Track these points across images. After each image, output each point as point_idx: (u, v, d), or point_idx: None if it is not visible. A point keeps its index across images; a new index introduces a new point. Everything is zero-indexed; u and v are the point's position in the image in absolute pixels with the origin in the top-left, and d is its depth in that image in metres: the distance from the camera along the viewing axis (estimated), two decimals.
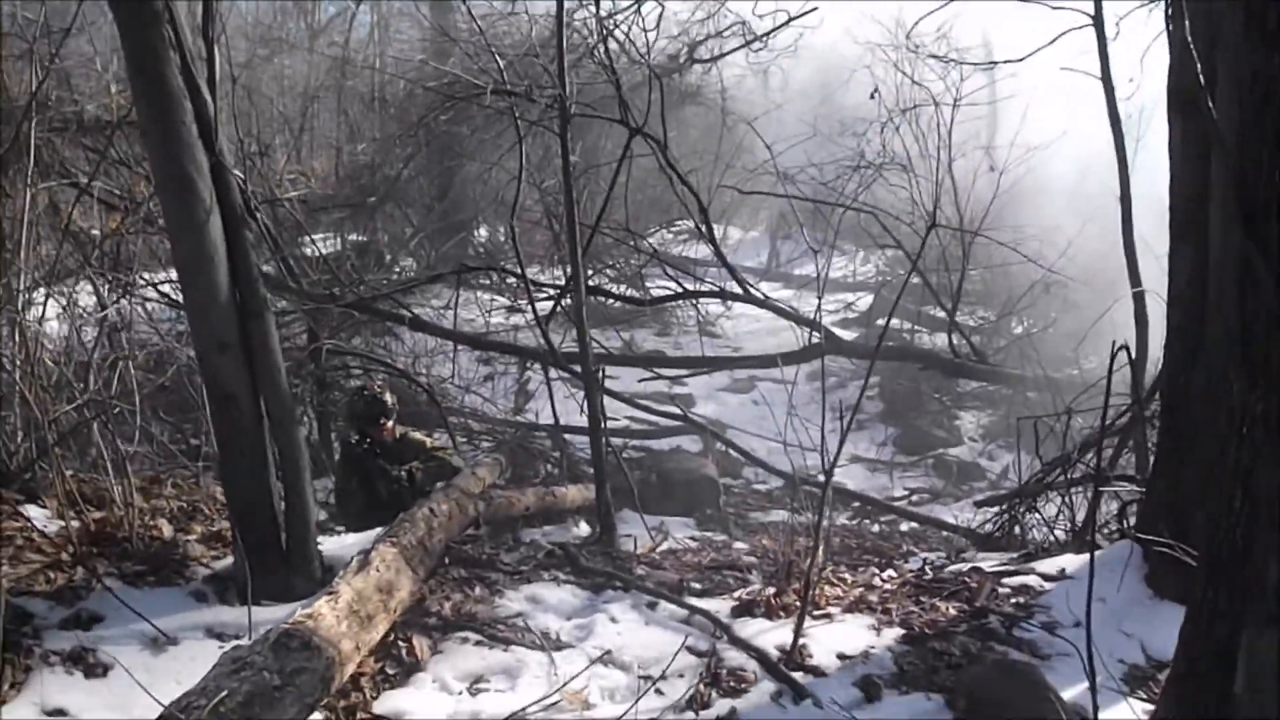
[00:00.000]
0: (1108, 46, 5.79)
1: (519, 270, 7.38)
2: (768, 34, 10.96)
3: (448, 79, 8.18)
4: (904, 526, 8.10)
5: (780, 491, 9.29)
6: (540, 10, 9.28)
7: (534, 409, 10.19)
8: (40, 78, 4.89)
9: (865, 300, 14.96)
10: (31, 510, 4.22)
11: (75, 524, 3.98)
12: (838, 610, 4.06)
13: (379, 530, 4.49)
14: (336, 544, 4.42)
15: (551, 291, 8.55)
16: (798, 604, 3.96)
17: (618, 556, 5.01)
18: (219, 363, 3.72)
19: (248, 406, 3.78)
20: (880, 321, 13.64)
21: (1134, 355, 6.15)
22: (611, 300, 9.65)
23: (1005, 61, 7.28)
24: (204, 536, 4.37)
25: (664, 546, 5.88)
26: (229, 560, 4.07)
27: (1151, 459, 4.65)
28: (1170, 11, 4.58)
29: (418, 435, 6.06)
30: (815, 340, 8.83)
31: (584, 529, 6.30)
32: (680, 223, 14.76)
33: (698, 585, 4.59)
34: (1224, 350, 3.97)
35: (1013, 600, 4.12)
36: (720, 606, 4.13)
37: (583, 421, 8.90)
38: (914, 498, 9.52)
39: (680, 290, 8.57)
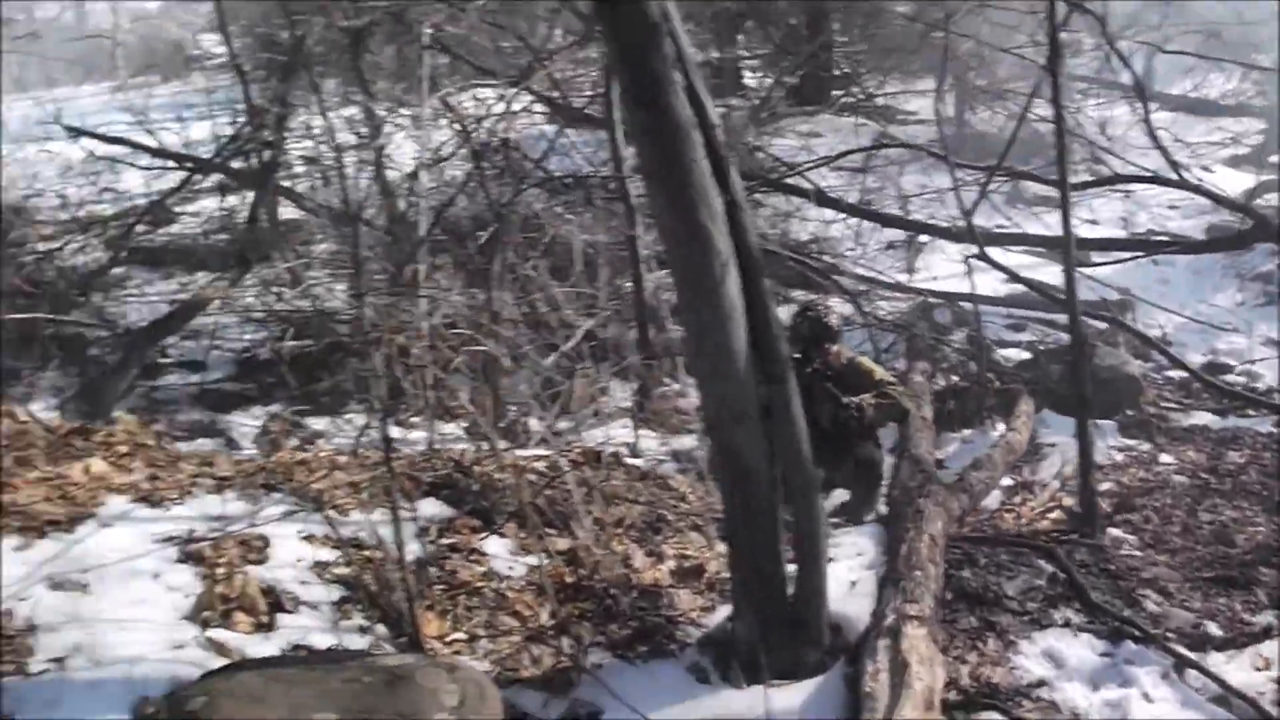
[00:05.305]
0: None
1: (942, 152, 6.97)
2: None
3: None
4: None
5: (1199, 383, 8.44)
6: None
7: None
8: None
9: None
10: (491, 544, 3.66)
11: (547, 564, 3.48)
12: None
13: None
14: None
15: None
16: None
17: (1108, 559, 4.59)
18: (734, 435, 3.32)
19: (763, 478, 3.39)
20: None
21: None
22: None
23: None
24: (680, 572, 3.93)
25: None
26: (717, 615, 3.74)
27: None
28: None
29: (867, 363, 5.68)
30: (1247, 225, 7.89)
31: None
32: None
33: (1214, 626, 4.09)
34: None
35: None
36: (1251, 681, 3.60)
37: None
38: None
39: (1112, 174, 7.88)
